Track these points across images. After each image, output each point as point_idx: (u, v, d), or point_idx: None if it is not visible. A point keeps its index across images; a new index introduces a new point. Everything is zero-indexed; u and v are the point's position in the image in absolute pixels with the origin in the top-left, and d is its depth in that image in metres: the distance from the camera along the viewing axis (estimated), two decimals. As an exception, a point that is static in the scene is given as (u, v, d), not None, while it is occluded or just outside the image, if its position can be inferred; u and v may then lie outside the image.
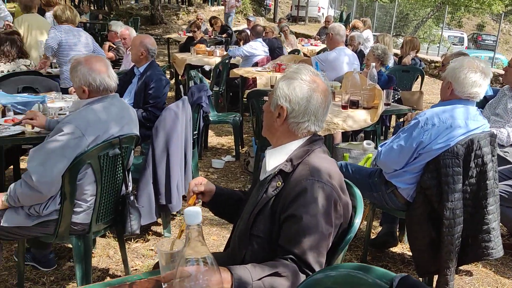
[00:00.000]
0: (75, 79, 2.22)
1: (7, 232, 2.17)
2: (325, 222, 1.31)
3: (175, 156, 2.97)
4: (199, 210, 0.93)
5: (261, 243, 1.39)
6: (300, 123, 1.45)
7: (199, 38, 7.75)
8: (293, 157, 1.43)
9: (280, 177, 1.41)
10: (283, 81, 1.48)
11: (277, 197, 1.39)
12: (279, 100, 1.46)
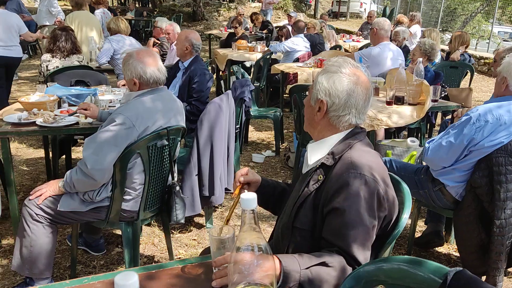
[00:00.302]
0: (126, 72, 2.31)
1: (63, 216, 2.29)
2: (368, 215, 1.31)
3: (219, 148, 3.02)
4: (255, 196, 0.96)
5: (304, 235, 1.40)
6: (340, 116, 1.45)
7: (240, 34, 7.81)
8: (335, 150, 1.43)
9: (322, 171, 1.41)
10: (323, 75, 1.48)
11: (319, 190, 1.40)
12: (319, 94, 1.47)
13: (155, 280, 1.19)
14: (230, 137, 3.24)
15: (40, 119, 2.79)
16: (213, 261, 1.19)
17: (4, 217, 3.15)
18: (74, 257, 2.62)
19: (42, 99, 3.07)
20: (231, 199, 3.75)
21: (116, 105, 3.25)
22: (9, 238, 3.00)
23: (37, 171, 4.26)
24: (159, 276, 1.22)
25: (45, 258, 2.29)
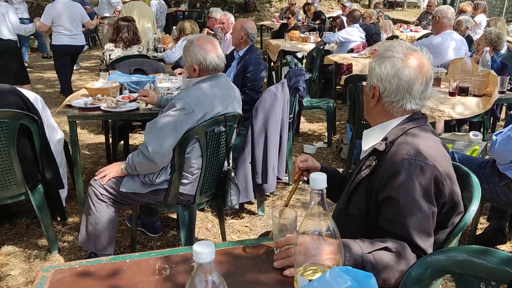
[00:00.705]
0: (187, 58, 2.37)
1: (125, 197, 2.40)
2: (426, 201, 1.26)
3: (273, 137, 3.04)
4: (324, 176, 0.96)
5: (358, 222, 1.39)
6: (394, 101, 1.41)
7: (293, 25, 7.76)
8: (388, 136, 1.39)
9: (374, 157, 1.38)
10: (375, 60, 1.45)
11: (371, 176, 1.37)
12: (371, 80, 1.44)
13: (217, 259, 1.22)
14: (283, 126, 3.24)
15: (104, 104, 2.92)
16: (275, 242, 1.21)
17: (69, 197, 3.34)
18: (133, 237, 2.74)
19: (105, 85, 3.22)
20: (282, 188, 3.76)
21: (173, 92, 3.35)
22: (74, 216, 3.19)
23: (98, 155, 4.47)
24: (221, 255, 1.25)
25: (108, 235, 2.41)
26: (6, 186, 2.52)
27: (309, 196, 0.98)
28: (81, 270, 1.19)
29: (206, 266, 0.73)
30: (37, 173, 2.66)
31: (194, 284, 0.74)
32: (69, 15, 5.71)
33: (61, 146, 3.10)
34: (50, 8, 5.68)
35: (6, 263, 2.63)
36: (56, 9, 5.67)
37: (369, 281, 0.76)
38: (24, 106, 2.50)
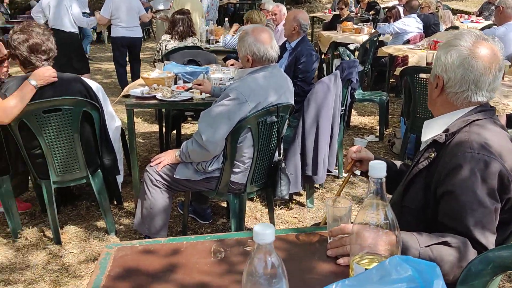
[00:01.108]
0: (241, 48, 2.40)
1: (178, 183, 2.48)
2: (488, 197, 1.21)
3: (324, 129, 3.01)
4: (384, 164, 0.94)
5: (415, 214, 1.35)
6: (458, 93, 1.35)
7: (346, 16, 7.61)
8: (450, 128, 1.34)
9: (434, 148, 1.34)
10: (442, 49, 1.39)
11: (430, 168, 1.32)
12: (436, 69, 1.38)
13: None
14: (335, 118, 3.21)
15: (160, 94, 3.02)
16: (329, 231, 1.21)
17: (125, 183, 3.49)
18: (185, 223, 2.83)
19: (161, 75, 3.32)
20: (332, 181, 3.73)
21: (225, 83, 3.40)
22: (130, 201, 3.33)
23: (151, 144, 4.62)
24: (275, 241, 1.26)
25: (161, 220, 2.50)
26: (70, 170, 2.68)
27: (368, 185, 0.97)
28: (141, 249, 1.25)
29: (266, 247, 0.75)
30: (97, 158, 2.79)
31: (253, 265, 0.76)
32: (126, 8, 5.92)
33: (119, 134, 3.24)
34: (109, 2, 5.92)
35: (68, 242, 2.80)
36: (115, 2, 5.91)
37: (432, 271, 0.74)
38: (87, 94, 2.64)
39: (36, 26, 2.58)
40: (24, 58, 2.51)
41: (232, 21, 10.52)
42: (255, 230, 0.74)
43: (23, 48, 2.48)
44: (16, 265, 2.57)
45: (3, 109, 2.40)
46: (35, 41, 2.49)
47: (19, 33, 2.49)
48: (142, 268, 1.16)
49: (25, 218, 3.07)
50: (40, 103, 2.48)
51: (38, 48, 2.51)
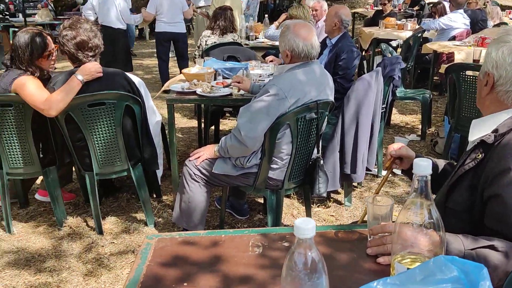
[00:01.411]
0: (282, 43, 2.38)
1: (216, 178, 2.50)
2: None
3: (364, 126, 2.95)
4: (429, 162, 0.91)
5: (459, 216, 1.29)
6: (509, 91, 1.27)
7: (388, 11, 7.43)
8: (499, 128, 1.27)
9: (481, 149, 1.27)
10: (493, 45, 1.31)
11: (477, 169, 1.26)
12: (486, 66, 1.31)
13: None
14: (375, 116, 3.13)
15: (199, 89, 3.05)
16: (370, 229, 1.18)
17: (164, 177, 3.56)
18: (222, 217, 2.85)
19: (201, 71, 3.36)
20: (370, 180, 3.66)
21: (265, 79, 3.39)
22: (168, 195, 3.39)
23: (190, 139, 4.69)
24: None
25: (199, 214, 2.53)
26: (112, 162, 2.75)
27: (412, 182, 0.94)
28: (181, 240, 1.26)
29: (306, 242, 0.74)
30: (137, 152, 2.86)
31: (293, 259, 0.75)
32: (169, 4, 6.05)
33: (159, 128, 3.31)
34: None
35: (110, 232, 2.89)
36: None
37: (479, 272, 0.71)
38: (130, 89, 2.70)
39: (85, 22, 2.66)
40: (71, 54, 2.60)
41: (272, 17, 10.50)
42: (296, 224, 0.73)
43: (70, 44, 2.57)
44: (60, 252, 2.67)
45: (50, 102, 2.50)
46: (82, 38, 2.57)
47: (68, 29, 2.59)
48: (181, 259, 1.17)
49: (70, 208, 3.19)
50: (85, 97, 2.56)
51: (85, 45, 2.59)
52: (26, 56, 2.61)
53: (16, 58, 2.63)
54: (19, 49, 2.61)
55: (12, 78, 2.58)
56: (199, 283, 1.07)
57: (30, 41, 2.62)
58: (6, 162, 2.74)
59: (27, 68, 2.62)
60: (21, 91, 2.53)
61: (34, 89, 2.54)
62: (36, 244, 2.75)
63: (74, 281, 2.41)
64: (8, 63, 2.67)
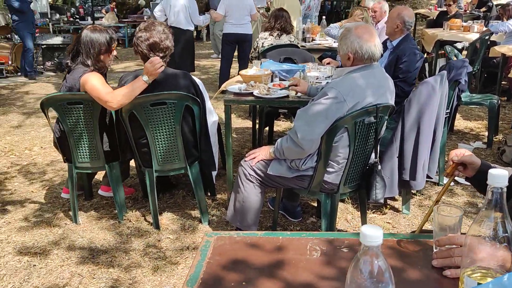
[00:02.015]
0: (343, 46, 2.34)
1: (271, 179, 2.51)
2: None
3: (426, 132, 2.84)
4: (506, 172, 0.86)
5: None
6: None
7: (453, 12, 7.11)
8: None
9: None
10: None
11: None
12: None
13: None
14: (438, 121, 3.01)
15: (256, 91, 3.08)
16: (436, 240, 1.13)
17: (218, 176, 3.62)
18: (275, 219, 2.85)
19: (258, 72, 3.38)
20: (430, 187, 3.52)
21: (322, 81, 3.36)
22: (222, 193, 3.45)
23: (244, 140, 4.74)
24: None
25: (253, 214, 2.55)
26: (171, 160, 2.84)
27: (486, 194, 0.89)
28: (239, 240, 1.28)
29: (373, 249, 0.72)
30: (195, 151, 2.93)
31: (358, 266, 0.73)
32: (239, 6, 6.18)
33: (215, 128, 3.37)
34: (224, 0, 6.22)
35: (166, 228, 2.98)
36: (231, 1, 6.16)
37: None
38: (194, 91, 2.78)
39: (158, 25, 2.78)
40: (144, 55, 2.73)
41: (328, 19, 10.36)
42: (363, 231, 0.71)
43: (144, 45, 2.70)
44: (120, 244, 2.79)
45: (114, 95, 2.64)
46: (154, 39, 2.69)
47: (143, 31, 2.72)
48: (239, 258, 1.18)
49: (129, 202, 3.32)
50: (148, 96, 2.66)
51: (157, 46, 2.71)
52: (92, 52, 2.76)
53: (81, 54, 2.77)
54: (85, 45, 2.76)
55: (79, 74, 2.73)
56: (257, 284, 1.08)
57: (96, 38, 2.77)
58: (75, 157, 2.90)
59: (92, 64, 2.76)
60: (87, 86, 2.68)
61: (99, 84, 2.68)
62: (99, 235, 2.90)
63: (133, 272, 2.51)
64: (69, 63, 2.82)
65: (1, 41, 8.28)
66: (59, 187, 3.58)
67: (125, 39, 11.60)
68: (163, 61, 2.72)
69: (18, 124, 5.33)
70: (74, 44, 2.86)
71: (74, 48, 2.83)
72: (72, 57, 2.82)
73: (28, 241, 2.84)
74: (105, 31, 2.83)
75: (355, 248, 1.22)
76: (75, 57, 2.81)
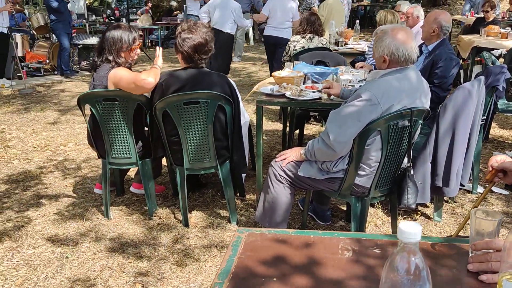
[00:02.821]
0: (378, 48, 2.32)
1: (301, 181, 2.50)
2: None
3: (461, 139, 2.77)
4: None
5: None
6: None
7: (491, 19, 6.91)
8: None
9: None
10: None
11: None
12: None
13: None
14: (474, 128, 2.93)
15: (289, 92, 3.08)
16: (472, 244, 1.11)
17: (247, 176, 3.63)
18: (304, 220, 2.84)
19: (291, 74, 3.38)
20: (462, 195, 3.43)
21: (355, 84, 3.33)
22: (251, 194, 3.46)
23: (274, 141, 4.75)
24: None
25: (282, 215, 2.55)
26: (202, 159, 2.88)
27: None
28: (270, 237, 1.28)
29: (411, 246, 0.71)
30: (225, 151, 2.95)
31: (395, 262, 0.72)
32: (281, 9, 6.28)
33: (247, 129, 3.39)
34: (270, 2, 6.38)
35: (195, 226, 3.02)
36: (273, 3, 6.30)
37: None
38: (228, 90, 2.81)
39: (203, 26, 2.82)
40: (188, 55, 2.76)
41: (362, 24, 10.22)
42: (400, 227, 0.70)
43: (188, 46, 2.73)
44: (150, 240, 2.84)
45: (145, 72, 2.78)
46: (200, 41, 2.73)
47: (187, 32, 2.76)
48: (271, 255, 1.19)
49: (159, 200, 3.38)
50: (181, 95, 2.70)
51: (202, 48, 2.75)
52: (113, 48, 2.84)
53: (105, 50, 2.85)
54: (108, 41, 2.84)
55: (105, 72, 2.81)
56: (289, 280, 1.08)
57: (118, 35, 2.85)
58: (110, 152, 2.97)
59: (114, 59, 2.84)
60: (117, 78, 2.76)
61: (128, 72, 2.80)
62: (129, 231, 2.96)
63: (162, 268, 2.55)
64: (96, 59, 2.91)
65: (40, 40, 8.58)
66: (92, 183, 3.68)
67: (158, 41, 11.83)
68: (204, 62, 2.78)
69: (54, 121, 5.51)
70: (100, 42, 2.94)
71: (100, 45, 2.91)
72: (98, 54, 2.91)
73: (62, 233, 2.93)
74: (127, 29, 2.90)
75: (387, 249, 1.20)
76: (100, 54, 2.90)
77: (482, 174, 3.73)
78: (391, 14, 4.70)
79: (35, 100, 6.49)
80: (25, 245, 2.79)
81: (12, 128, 5.19)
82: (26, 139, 4.84)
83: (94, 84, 2.88)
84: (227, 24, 6.28)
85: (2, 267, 2.56)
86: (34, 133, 5.02)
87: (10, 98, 6.62)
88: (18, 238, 2.86)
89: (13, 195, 3.48)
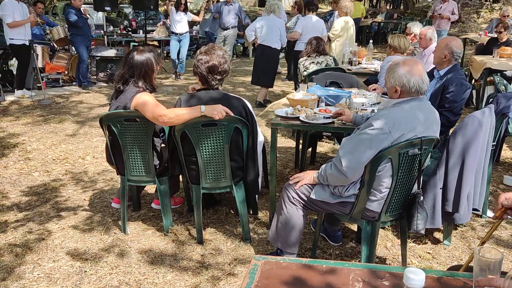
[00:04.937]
0: (390, 79, 2.41)
1: (313, 203, 2.58)
2: None
3: (471, 165, 2.83)
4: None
5: None
6: None
7: (504, 40, 6.96)
8: None
9: None
10: None
11: None
12: None
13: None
14: (484, 154, 2.99)
15: (303, 115, 3.17)
16: (476, 280, 1.18)
17: (261, 194, 3.72)
18: (315, 241, 2.92)
19: (305, 97, 3.48)
20: (473, 219, 3.46)
21: (367, 108, 3.41)
22: (264, 212, 3.55)
23: (286, 159, 4.83)
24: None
25: (294, 236, 2.63)
26: (218, 178, 2.97)
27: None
28: (285, 265, 1.37)
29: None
30: (241, 171, 3.05)
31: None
32: (313, 27, 6.73)
33: (261, 148, 3.48)
34: (302, 21, 6.89)
35: (209, 243, 3.11)
36: (307, 22, 6.78)
37: None
38: (244, 113, 2.91)
39: (218, 49, 2.96)
40: (202, 76, 2.90)
41: (375, 40, 10.30)
42: (406, 273, 0.79)
43: (203, 68, 2.87)
44: (166, 256, 2.94)
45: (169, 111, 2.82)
46: (213, 63, 2.87)
47: (204, 54, 2.90)
48: (285, 284, 1.27)
49: (175, 216, 3.48)
50: (200, 117, 2.81)
51: (215, 69, 2.88)
52: (143, 73, 2.96)
53: (133, 77, 2.97)
54: (136, 67, 2.96)
55: (131, 94, 2.93)
56: (303, 310, 1.16)
57: (145, 61, 2.98)
58: (129, 170, 3.09)
59: (143, 84, 2.96)
60: (140, 102, 2.86)
61: (152, 100, 2.89)
62: (145, 246, 3.06)
63: (177, 285, 2.64)
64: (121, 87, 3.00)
65: (60, 52, 8.83)
66: (110, 197, 3.80)
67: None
68: (219, 82, 2.89)
69: (73, 133, 5.67)
70: (123, 69, 3.04)
71: (124, 73, 3.02)
72: (123, 82, 3.02)
73: (80, 247, 3.04)
74: (150, 52, 3.03)
75: (396, 281, 1.28)
76: (127, 81, 3.00)
77: (492, 197, 3.77)
78: (403, 37, 4.78)
79: (54, 111, 6.68)
80: (45, 258, 2.91)
81: (32, 140, 5.36)
82: (46, 151, 4.99)
83: (115, 104, 3.00)
84: (274, 40, 6.69)
85: (24, 280, 2.67)
86: (53, 145, 5.18)
87: (30, 108, 6.82)
88: (39, 251, 2.98)
89: (34, 208, 3.61)
